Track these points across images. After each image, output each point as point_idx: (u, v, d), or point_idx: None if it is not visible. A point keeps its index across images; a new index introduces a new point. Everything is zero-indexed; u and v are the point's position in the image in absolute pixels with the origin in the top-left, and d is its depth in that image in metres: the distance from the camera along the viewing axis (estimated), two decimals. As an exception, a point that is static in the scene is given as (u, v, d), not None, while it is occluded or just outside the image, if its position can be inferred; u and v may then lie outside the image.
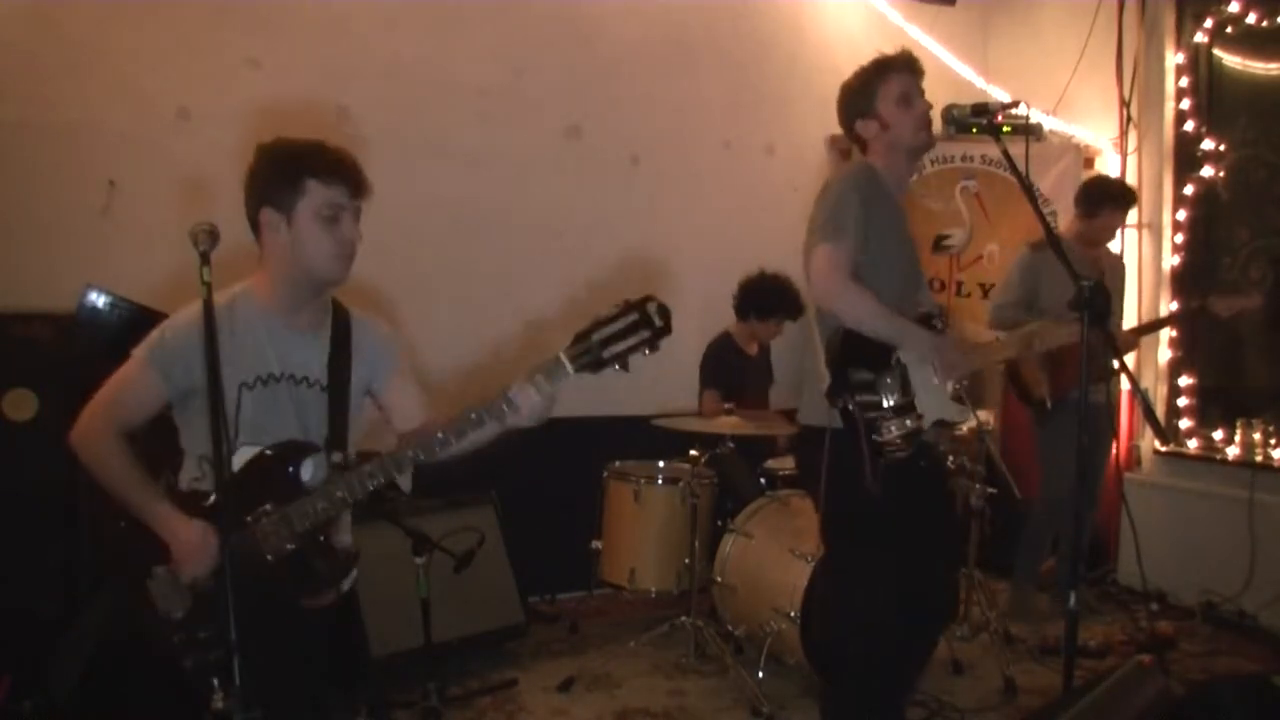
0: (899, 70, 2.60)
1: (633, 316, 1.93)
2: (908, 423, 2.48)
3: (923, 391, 2.53)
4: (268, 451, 2.02)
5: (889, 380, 2.49)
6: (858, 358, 2.48)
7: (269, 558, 1.96)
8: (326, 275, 2.08)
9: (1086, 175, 4.78)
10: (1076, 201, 4.22)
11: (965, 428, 3.88)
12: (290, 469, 2.02)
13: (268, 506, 1.98)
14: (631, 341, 1.95)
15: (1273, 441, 4.35)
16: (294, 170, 2.05)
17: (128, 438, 2.04)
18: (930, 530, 2.60)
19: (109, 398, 2.04)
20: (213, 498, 2.00)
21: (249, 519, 1.97)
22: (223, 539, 1.74)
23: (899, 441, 2.46)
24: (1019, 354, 2.86)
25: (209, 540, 1.94)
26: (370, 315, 2.29)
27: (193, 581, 1.97)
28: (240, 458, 2.01)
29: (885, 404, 2.48)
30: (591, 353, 1.94)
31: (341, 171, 2.08)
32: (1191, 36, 4.71)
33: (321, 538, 2.03)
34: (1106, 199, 4.15)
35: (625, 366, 1.96)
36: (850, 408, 2.44)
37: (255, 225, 2.09)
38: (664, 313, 1.95)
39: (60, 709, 2.63)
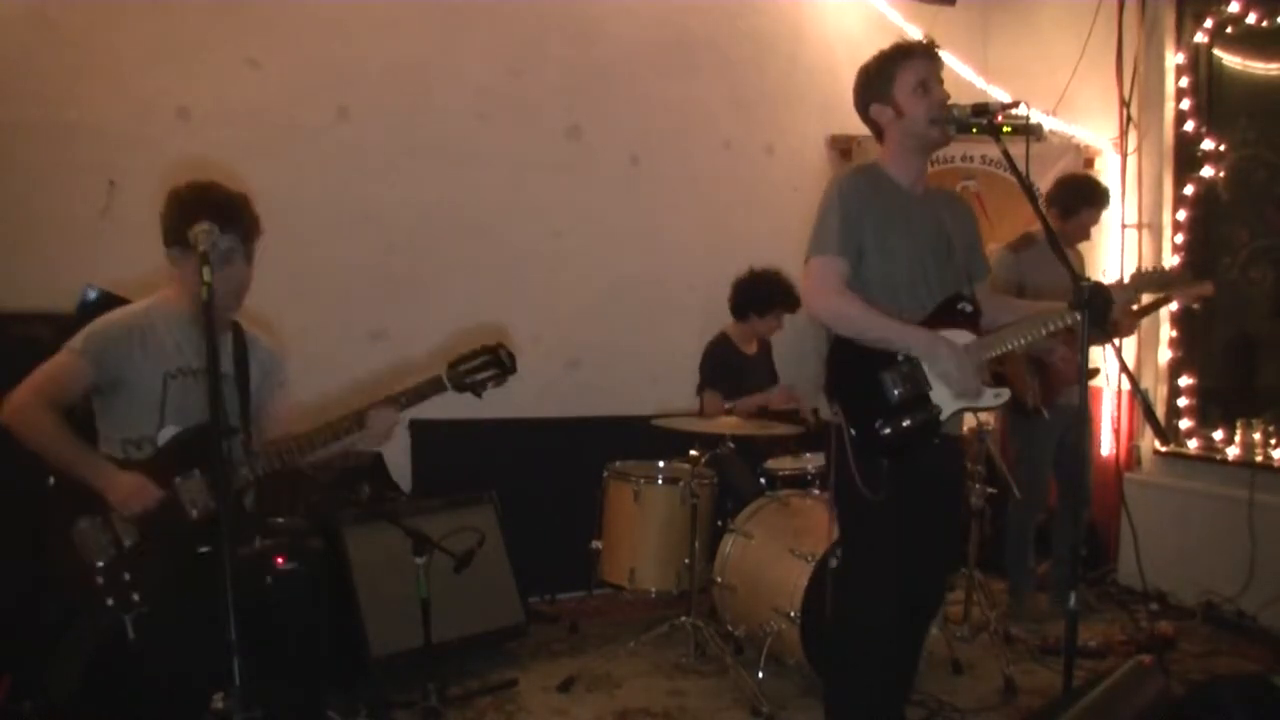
0: (919, 56, 2.56)
1: (489, 357, 2.58)
2: (917, 416, 2.46)
3: (940, 382, 2.49)
4: (192, 429, 2.39)
5: (896, 376, 2.47)
6: (856, 358, 2.49)
7: (193, 513, 2.33)
8: (221, 308, 2.35)
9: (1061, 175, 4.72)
10: (1051, 201, 4.20)
11: (965, 428, 3.89)
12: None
13: (194, 471, 2.33)
14: (488, 375, 2.57)
15: (1273, 441, 4.35)
16: (190, 217, 2.26)
17: (60, 410, 2.35)
18: (929, 527, 2.59)
19: (39, 380, 2.36)
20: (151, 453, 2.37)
21: (177, 479, 2.33)
22: (223, 545, 1.81)
23: (903, 438, 2.45)
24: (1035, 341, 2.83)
25: (145, 484, 2.29)
26: (261, 334, 2.69)
27: (128, 526, 2.28)
28: (166, 434, 2.39)
29: (890, 400, 2.47)
30: (461, 378, 2.54)
31: (231, 218, 2.36)
32: (1191, 36, 4.71)
33: (239, 500, 2.43)
34: (1082, 198, 4.16)
35: (479, 394, 2.57)
36: (839, 411, 2.46)
37: (168, 252, 2.48)
38: (512, 357, 2.61)
39: (60, 709, 2.63)
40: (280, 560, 2.60)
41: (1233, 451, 4.49)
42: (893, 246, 2.54)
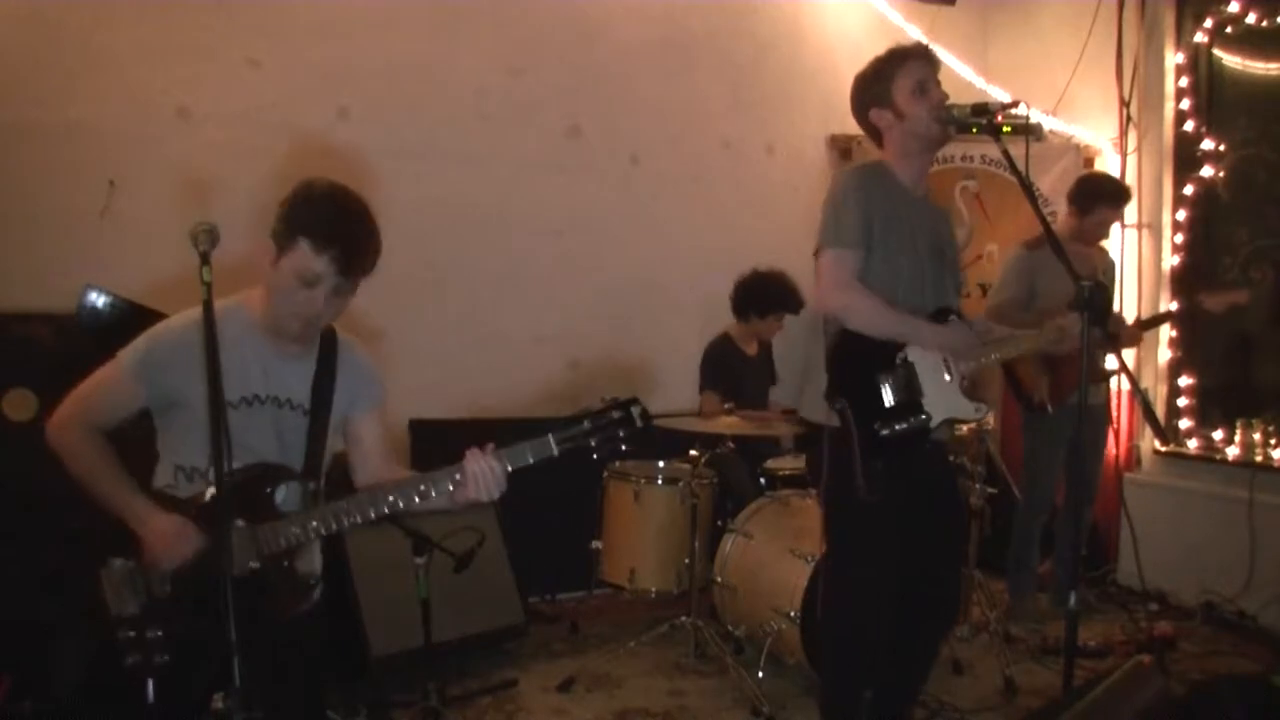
0: (915, 59, 2.56)
1: (619, 414, 2.03)
2: (910, 421, 2.47)
3: (932, 390, 2.51)
4: (245, 471, 2.00)
5: (892, 380, 2.49)
6: (856, 359, 2.49)
7: (232, 570, 1.92)
8: (281, 325, 2.07)
9: (1081, 172, 4.78)
10: (1070, 199, 4.22)
11: (965, 428, 3.88)
12: (267, 490, 2.04)
13: (239, 522, 1.97)
14: (612, 435, 2.02)
15: (1273, 441, 4.35)
16: (297, 223, 2.01)
17: (104, 434, 2.06)
18: (930, 532, 2.59)
19: (85, 396, 2.06)
20: (207, 495, 2.02)
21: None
22: (223, 544, 1.74)
23: (898, 440, 2.46)
24: (1047, 347, 2.85)
25: (186, 531, 1.96)
26: (357, 342, 2.29)
27: (156, 579, 1.98)
28: None
29: (886, 403, 2.48)
30: (576, 440, 2.01)
31: (335, 245, 2.00)
32: (1191, 36, 4.71)
33: (286, 561, 2.04)
34: (1100, 196, 4.15)
35: (601, 458, 2.04)
36: (845, 410, 2.43)
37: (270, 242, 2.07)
38: (646, 417, 2.05)
39: (61, 709, 2.63)
40: None
41: (1233, 451, 4.49)
42: (896, 246, 2.54)
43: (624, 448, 2.03)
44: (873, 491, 2.41)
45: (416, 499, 2.00)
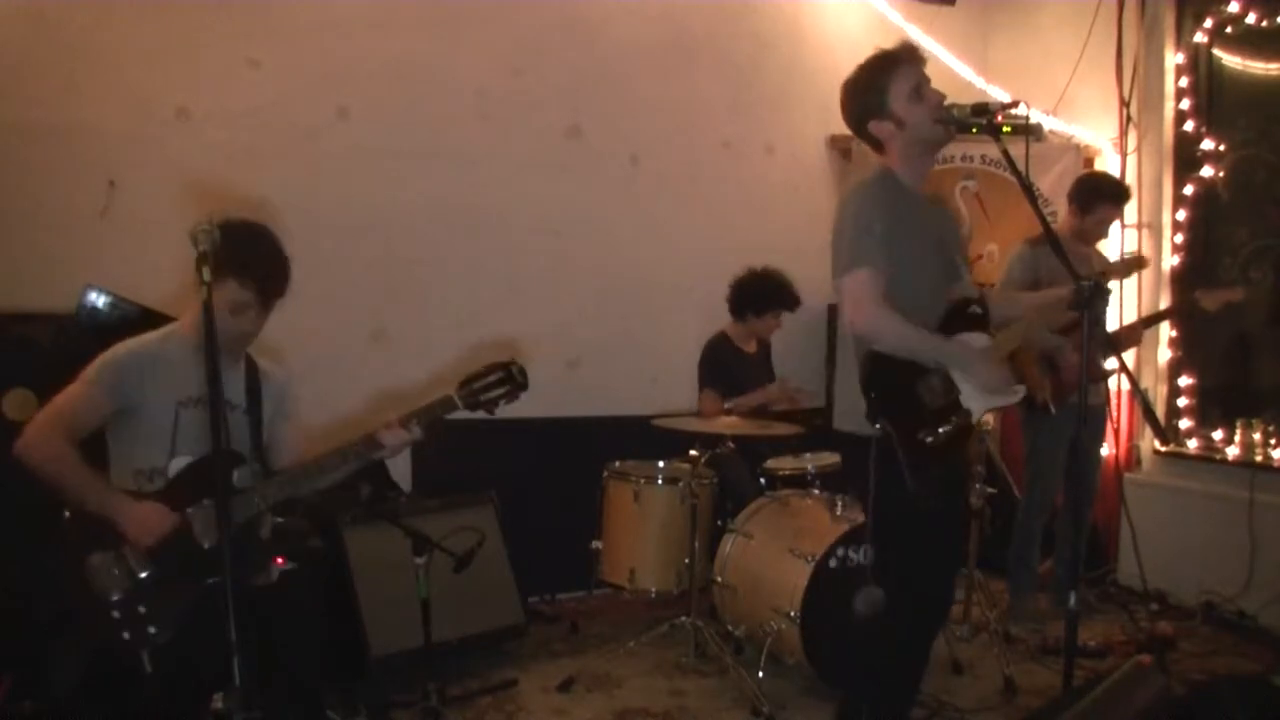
0: (905, 63, 2.52)
1: (502, 374, 2.50)
2: (954, 420, 2.46)
3: (968, 386, 2.51)
4: (205, 459, 2.36)
5: (930, 384, 2.47)
6: (891, 375, 2.46)
7: (205, 545, 2.32)
8: (224, 348, 2.33)
9: (1082, 172, 4.78)
10: (1071, 198, 4.22)
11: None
12: (225, 474, 2.33)
13: (205, 501, 2.32)
14: (500, 392, 2.51)
15: (1273, 441, 4.35)
16: (223, 262, 2.20)
17: (75, 442, 2.34)
18: (949, 533, 2.61)
19: (60, 412, 2.35)
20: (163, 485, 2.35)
21: (189, 509, 2.32)
22: (223, 548, 1.79)
23: (947, 444, 2.45)
24: (1030, 335, 2.86)
25: (160, 512, 2.29)
26: (271, 365, 2.69)
27: (140, 557, 2.27)
28: (178, 464, 2.39)
29: (930, 409, 2.45)
30: (474, 396, 2.49)
31: (257, 280, 2.38)
32: (1191, 36, 4.71)
33: (248, 530, 2.39)
34: (1101, 195, 4.15)
35: (492, 411, 2.54)
36: (888, 430, 2.40)
37: None
38: (524, 373, 2.53)
39: (60, 708, 2.63)
40: (280, 560, 2.61)
41: (1232, 451, 4.49)
42: (909, 255, 2.51)
43: (505, 402, 2.51)
44: (927, 501, 2.40)
45: (348, 456, 2.44)
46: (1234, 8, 4.48)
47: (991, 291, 4.10)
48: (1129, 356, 4.74)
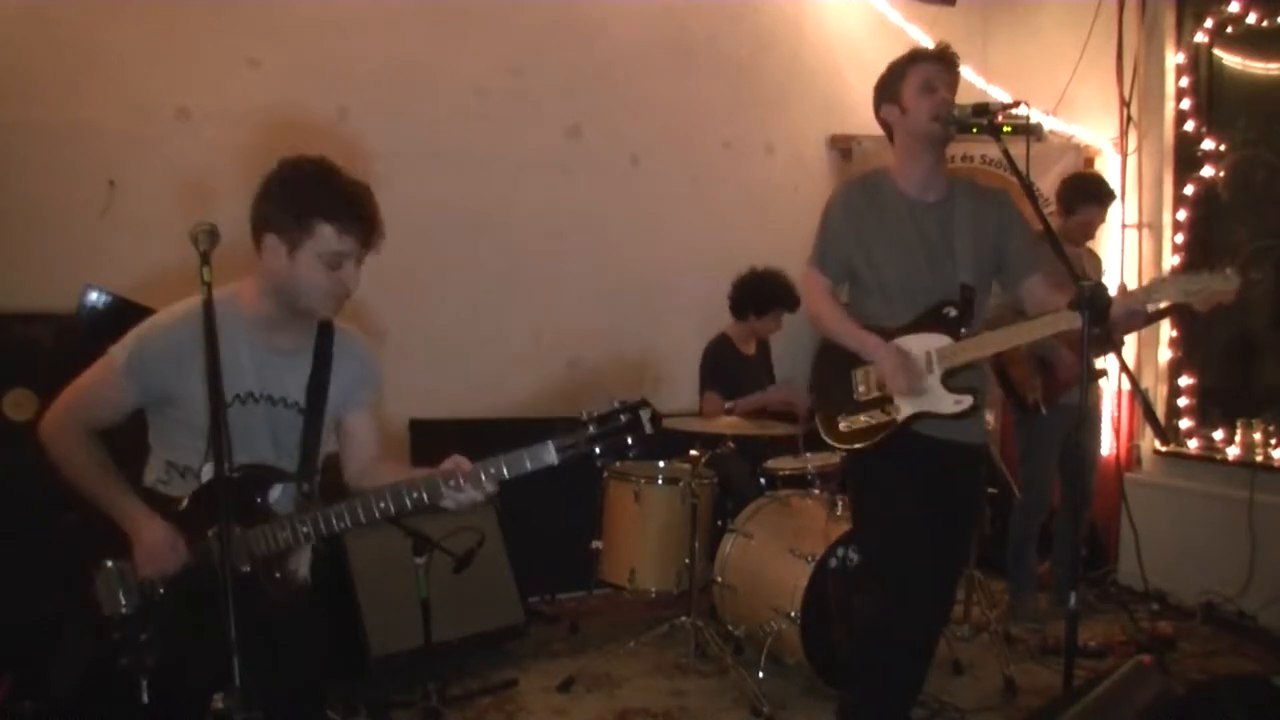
0: (928, 59, 2.62)
1: (628, 418, 1.91)
2: (875, 415, 2.59)
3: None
4: (238, 472, 1.95)
5: (863, 375, 2.63)
6: (832, 356, 2.70)
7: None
8: (316, 310, 2.06)
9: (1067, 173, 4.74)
10: (1056, 198, 4.23)
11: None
12: (260, 492, 2.02)
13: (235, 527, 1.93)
14: (619, 443, 1.93)
15: (1273, 441, 4.35)
16: (309, 209, 1.95)
17: (96, 434, 2.03)
18: (938, 535, 2.60)
19: (78, 396, 2.04)
20: (184, 503, 2.01)
21: (210, 533, 1.94)
22: (224, 551, 1.73)
23: (862, 432, 2.59)
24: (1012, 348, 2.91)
25: (175, 545, 1.95)
26: (355, 331, 2.24)
27: (147, 583, 1.97)
28: (209, 472, 1.94)
29: (856, 396, 2.63)
30: (579, 447, 1.93)
31: (357, 222, 1.99)
32: (1191, 36, 4.71)
33: (277, 564, 2.02)
34: (1084, 196, 4.16)
35: (604, 466, 1.94)
36: (812, 405, 2.75)
37: (257, 238, 2.01)
38: (656, 421, 1.93)
39: (61, 708, 2.62)
40: None
41: (1233, 451, 4.48)
42: (881, 258, 2.63)
43: (630, 455, 1.94)
44: (906, 501, 2.55)
45: (408, 503, 1.96)
46: (1234, 8, 4.48)
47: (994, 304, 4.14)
48: (1129, 356, 4.74)
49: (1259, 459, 4.34)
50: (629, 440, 1.91)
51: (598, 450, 1.92)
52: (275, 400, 2.08)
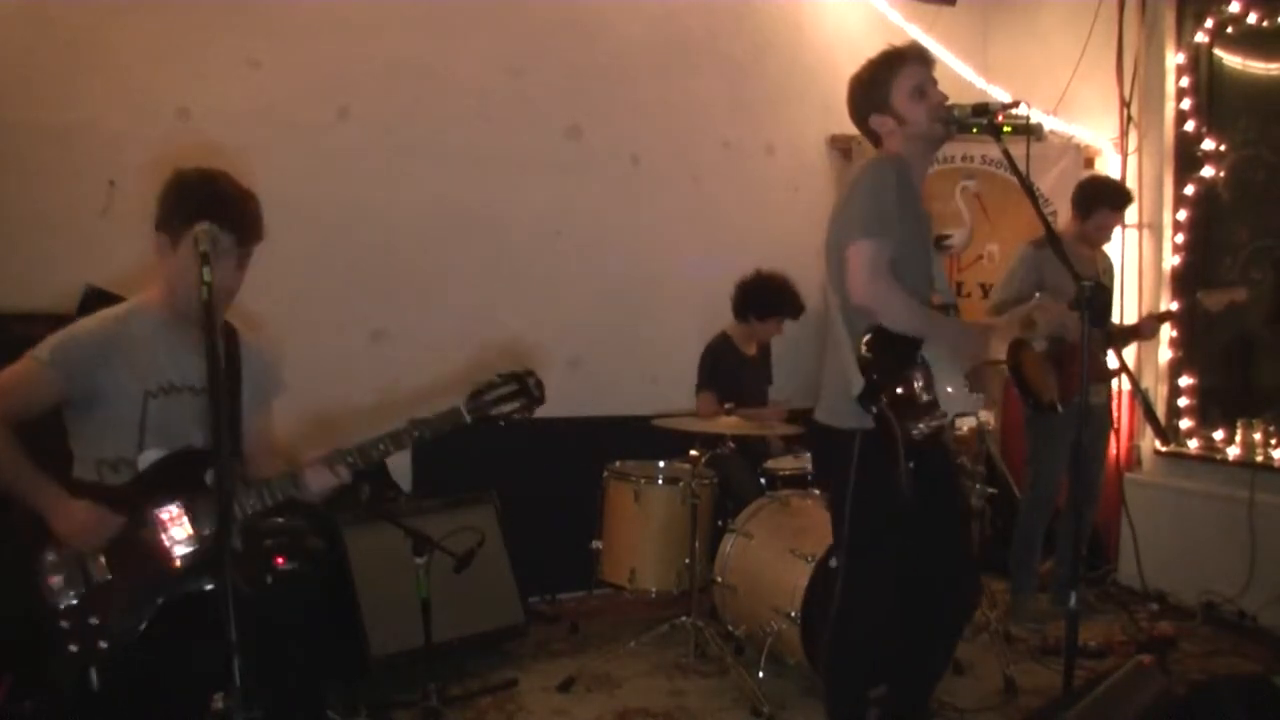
0: (912, 62, 2.55)
1: (515, 385, 2.36)
2: (935, 419, 2.46)
3: (944, 387, 2.49)
4: (176, 456, 2.17)
5: (919, 377, 2.45)
6: (891, 358, 2.43)
7: (175, 552, 2.13)
8: (194, 314, 2.13)
9: (1084, 175, 4.78)
10: (1072, 201, 4.22)
11: (966, 428, 3.88)
12: (199, 472, 2.18)
13: (175, 503, 2.13)
14: (514, 405, 2.35)
15: (1273, 441, 4.35)
16: (187, 208, 2.13)
17: (13, 427, 2.12)
18: (950, 530, 2.61)
19: (2, 389, 2.12)
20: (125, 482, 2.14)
21: (155, 511, 2.12)
22: (224, 551, 1.76)
23: (928, 438, 2.45)
24: (1020, 332, 2.87)
25: (99, 516, 2.06)
26: (256, 338, 2.45)
27: (83, 558, 2.07)
28: (147, 459, 2.15)
29: (920, 401, 2.43)
30: (484, 409, 2.33)
31: (230, 220, 2.12)
32: (1192, 36, 4.71)
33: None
34: (1101, 199, 4.15)
35: (506, 423, 2.35)
36: (886, 412, 2.38)
37: (156, 240, 2.23)
38: (540, 386, 2.37)
39: (61, 708, 2.62)
40: (280, 560, 2.60)
41: (1233, 451, 4.48)
42: (912, 241, 2.52)
43: (520, 416, 2.34)
44: (911, 492, 2.41)
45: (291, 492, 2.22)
46: (1234, 8, 4.48)
47: (994, 304, 4.15)
48: (1129, 356, 4.74)
49: (1259, 459, 4.34)
50: (521, 403, 2.32)
51: (494, 411, 2.32)
52: (197, 390, 2.23)
